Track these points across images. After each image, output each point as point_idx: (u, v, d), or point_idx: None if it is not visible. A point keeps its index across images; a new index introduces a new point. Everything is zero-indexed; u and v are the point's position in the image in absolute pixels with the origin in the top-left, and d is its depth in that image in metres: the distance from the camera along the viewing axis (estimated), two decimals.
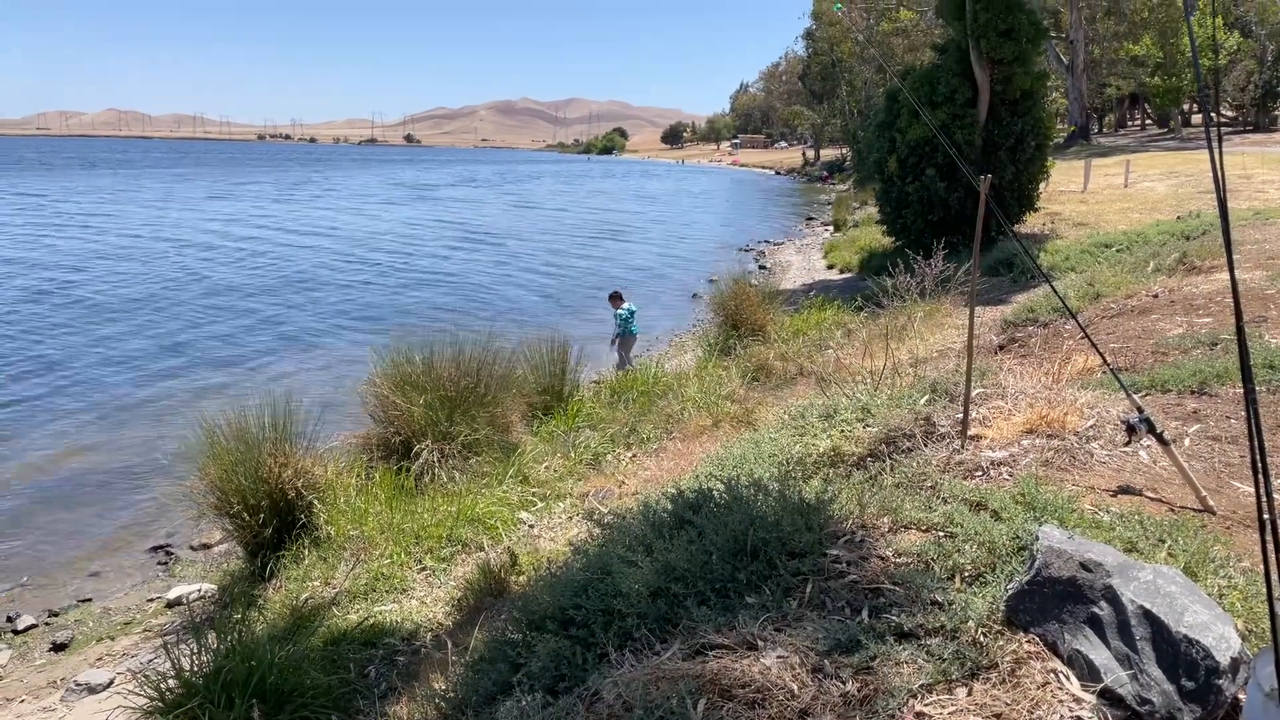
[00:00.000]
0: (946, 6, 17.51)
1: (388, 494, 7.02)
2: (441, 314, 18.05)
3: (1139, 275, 9.89)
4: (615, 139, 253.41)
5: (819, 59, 69.70)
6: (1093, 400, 4.45)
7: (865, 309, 11.92)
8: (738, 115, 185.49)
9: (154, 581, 7.39)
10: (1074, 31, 45.64)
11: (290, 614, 5.49)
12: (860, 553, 3.00)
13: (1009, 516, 3.07)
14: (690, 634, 2.70)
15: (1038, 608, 2.45)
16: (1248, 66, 51.15)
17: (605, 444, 8.43)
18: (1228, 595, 2.56)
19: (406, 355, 8.21)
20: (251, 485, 6.46)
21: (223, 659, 3.92)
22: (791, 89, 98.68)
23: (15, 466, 9.69)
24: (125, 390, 12.53)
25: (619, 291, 12.92)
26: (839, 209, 36.01)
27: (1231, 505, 3.34)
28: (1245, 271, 8.40)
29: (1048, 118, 17.94)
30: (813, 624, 2.60)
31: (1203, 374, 4.96)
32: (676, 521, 3.40)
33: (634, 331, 12.67)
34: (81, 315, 17.42)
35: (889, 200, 18.05)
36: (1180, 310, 7.51)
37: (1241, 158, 26.88)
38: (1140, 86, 53.98)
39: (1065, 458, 3.81)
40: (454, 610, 5.31)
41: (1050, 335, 8.12)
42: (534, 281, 23.11)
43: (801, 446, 5.14)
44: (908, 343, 9.11)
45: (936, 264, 9.10)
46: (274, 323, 17.34)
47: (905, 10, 49.89)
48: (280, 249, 28.38)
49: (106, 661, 5.96)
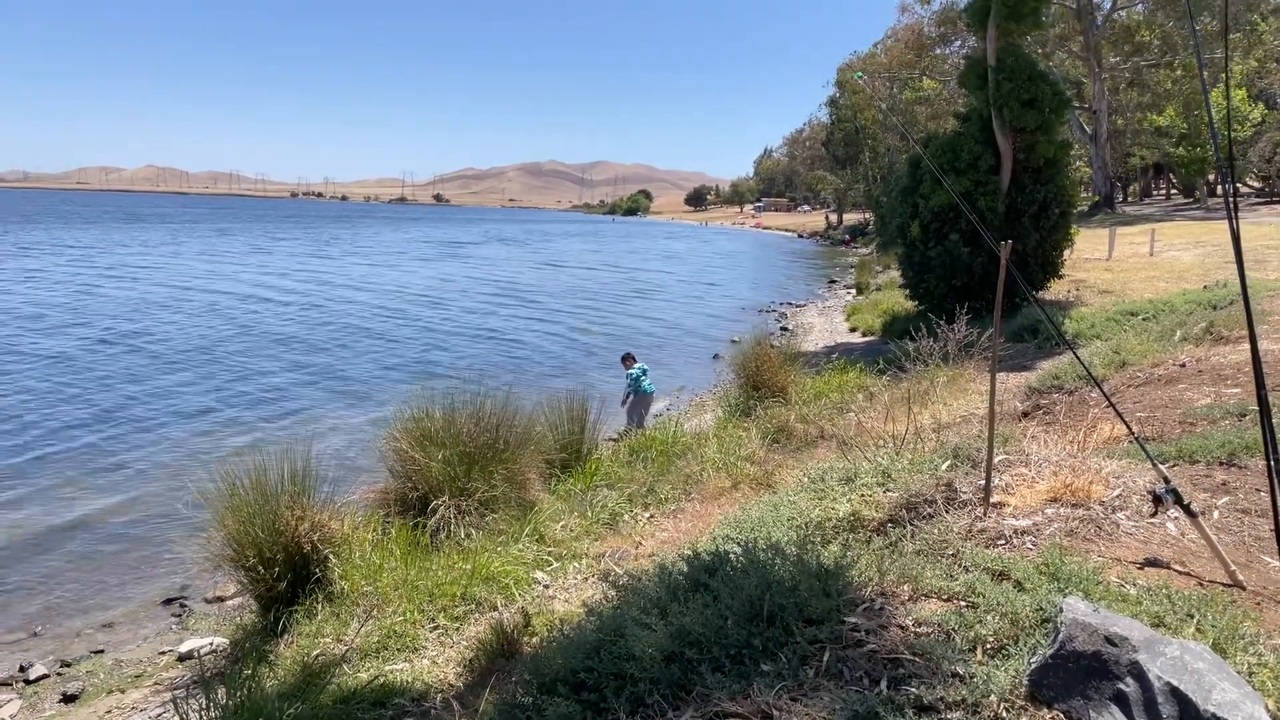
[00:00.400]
0: (969, 76, 17.78)
1: (403, 550, 6.98)
2: (466, 369, 18.15)
3: (1166, 344, 9.79)
4: (640, 200, 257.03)
5: (842, 125, 70.81)
6: (1118, 470, 4.38)
7: (887, 372, 11.86)
8: (761, 179, 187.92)
9: (167, 634, 7.35)
10: (1097, 102, 46.08)
11: (301, 670, 5.43)
12: (879, 621, 2.94)
13: (1032, 587, 3.01)
14: (704, 701, 2.65)
15: (1062, 683, 2.38)
16: (1274, 137, 51.26)
17: (623, 504, 8.37)
18: (1258, 673, 2.47)
19: (427, 410, 8.24)
20: (268, 538, 6.45)
21: (231, 715, 3.88)
22: (815, 154, 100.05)
23: (35, 514, 9.76)
24: (149, 440, 12.64)
25: (631, 354, 13.38)
26: (861, 272, 36.15)
27: (1262, 580, 3.24)
28: (1273, 342, 8.30)
29: (1071, 185, 18.02)
30: (830, 694, 2.54)
31: (1231, 445, 4.87)
32: (692, 584, 3.35)
33: (647, 390, 12.75)
34: (114, 365, 17.69)
35: (911, 264, 18.11)
36: (1208, 380, 7.41)
37: (1271, 229, 26.79)
38: (1165, 156, 54.20)
39: (1090, 528, 3.73)
40: (465, 671, 5.23)
41: (1075, 403, 8.02)
42: (560, 338, 23.26)
43: (821, 510, 5.08)
44: (930, 407, 9.03)
45: (959, 328, 9.07)
46: (304, 375, 17.51)
47: (928, 80, 50.69)
48: (314, 302, 28.84)
49: (116, 714, 5.91)
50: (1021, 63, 16.76)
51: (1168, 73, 46.30)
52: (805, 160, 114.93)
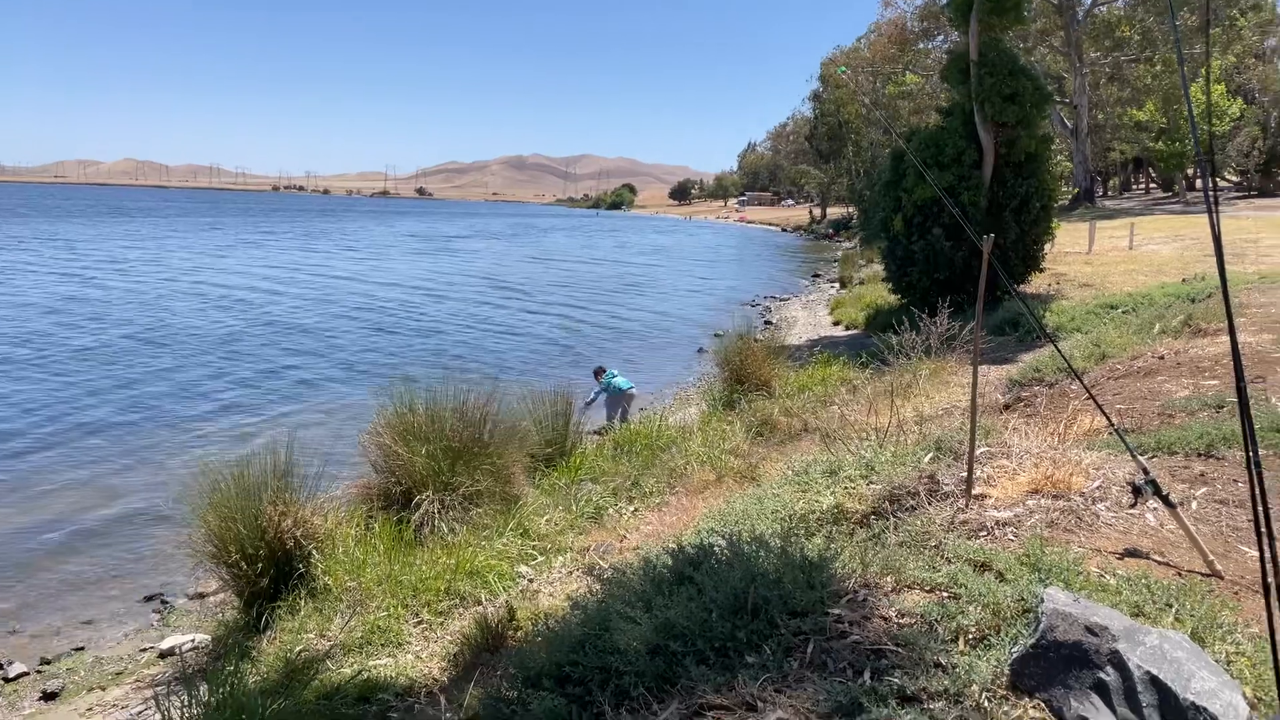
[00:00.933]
0: (951, 71, 17.85)
1: (387, 545, 6.95)
2: (451, 363, 18.10)
3: (1145, 337, 9.88)
4: (624, 194, 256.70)
5: (826, 120, 70.95)
6: (1098, 461, 4.42)
7: (870, 366, 11.92)
8: (745, 173, 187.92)
9: (148, 631, 7.29)
10: (1078, 97, 46.38)
11: (284, 666, 5.41)
12: (863, 612, 2.95)
13: (1014, 578, 3.03)
14: (689, 694, 2.65)
15: (1043, 672, 2.40)
16: (1252, 133, 51.80)
17: (607, 497, 8.37)
18: (1235, 662, 2.51)
19: (410, 404, 8.21)
20: (250, 534, 6.41)
21: (214, 712, 3.85)
22: (798, 148, 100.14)
23: (14, 511, 9.65)
24: (131, 434, 12.52)
25: (601, 366, 13.56)
26: (845, 266, 36.25)
27: (1239, 570, 3.29)
28: (1250, 335, 8.39)
29: (1052, 180, 18.14)
30: (814, 685, 2.55)
31: (1209, 437, 4.93)
32: (677, 577, 3.36)
33: (623, 388, 12.72)
34: (95, 360, 17.50)
35: (894, 258, 18.18)
36: (1186, 372, 7.49)
37: (1248, 222, 27.06)
38: (1144, 151, 54.67)
39: (1071, 519, 3.77)
40: (450, 665, 5.22)
41: (1056, 395, 8.09)
42: (544, 332, 23.21)
43: (805, 503, 5.10)
44: (912, 400, 9.08)
45: (942, 322, 9.12)
46: (289, 369, 17.38)
47: (911, 74, 50.84)
48: (298, 296, 28.63)
49: (96, 712, 5.86)
50: (1003, 57, 16.84)
51: (1147, 68, 46.63)
52: (789, 154, 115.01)
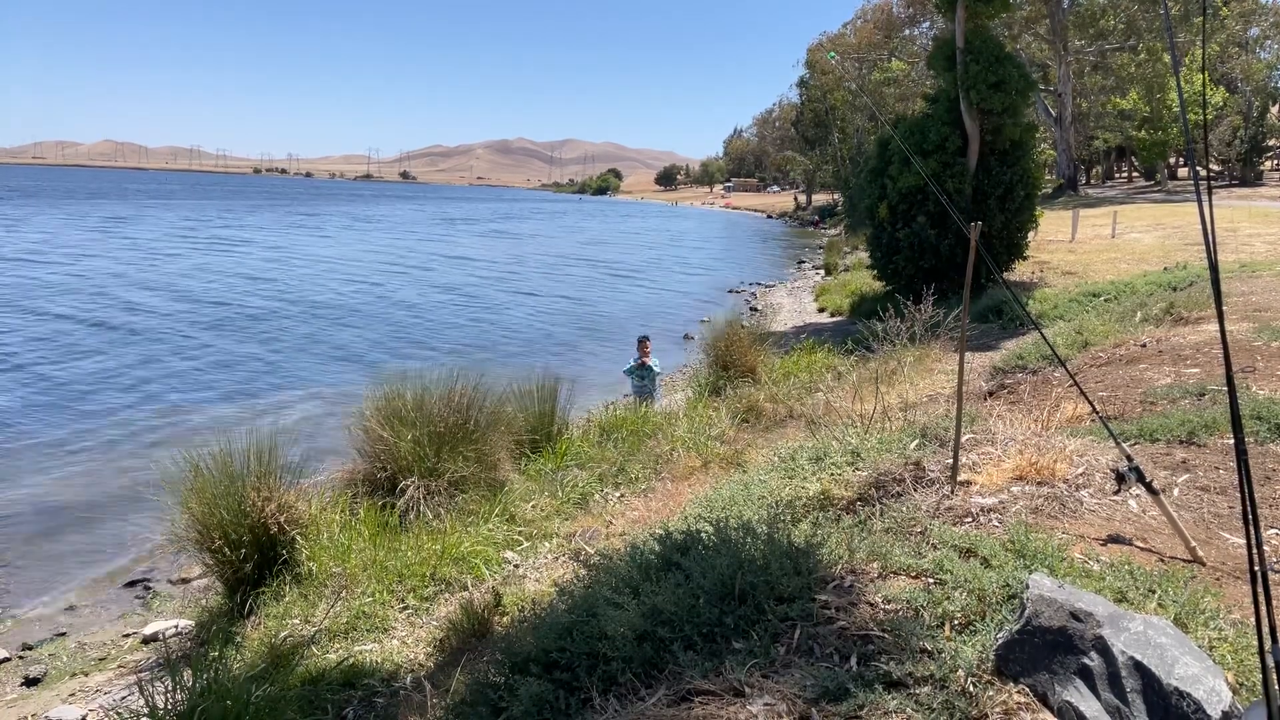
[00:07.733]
0: (937, 58, 17.86)
1: (372, 531, 6.93)
2: (436, 349, 18.04)
3: (1127, 325, 9.96)
4: (610, 180, 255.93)
5: (812, 106, 70.84)
6: (1082, 448, 4.45)
7: (855, 352, 11.94)
8: (731, 159, 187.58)
9: (131, 616, 7.25)
10: (1062, 85, 46.53)
11: (269, 652, 5.38)
12: (849, 599, 2.96)
13: (999, 564, 3.05)
14: (676, 679, 2.66)
15: (1028, 657, 2.42)
16: (1233, 122, 52.13)
17: (593, 483, 8.37)
18: (1218, 647, 2.54)
19: (396, 389, 8.16)
20: (234, 519, 6.37)
21: (198, 697, 3.83)
22: (784, 135, 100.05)
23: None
24: (110, 420, 12.41)
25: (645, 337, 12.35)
26: (830, 253, 36.32)
27: (1221, 556, 3.32)
28: (1232, 323, 8.47)
29: (1036, 168, 18.23)
30: (800, 671, 2.56)
31: (1191, 424, 4.98)
32: (664, 563, 3.36)
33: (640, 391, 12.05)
34: (86, 343, 17.32)
35: (880, 246, 18.23)
36: (1168, 360, 7.55)
37: (1228, 211, 27.27)
38: (1127, 140, 54.94)
39: (1055, 505, 3.79)
40: (436, 651, 5.22)
41: (1040, 382, 8.14)
42: (532, 318, 23.15)
43: (791, 489, 5.11)
44: (897, 387, 9.12)
45: (926, 309, 9.15)
46: (271, 355, 17.27)
47: (897, 61, 50.85)
48: (283, 281, 28.41)
49: (79, 697, 5.82)
50: (989, 45, 16.87)
51: (1131, 57, 46.83)
52: (775, 141, 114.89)
